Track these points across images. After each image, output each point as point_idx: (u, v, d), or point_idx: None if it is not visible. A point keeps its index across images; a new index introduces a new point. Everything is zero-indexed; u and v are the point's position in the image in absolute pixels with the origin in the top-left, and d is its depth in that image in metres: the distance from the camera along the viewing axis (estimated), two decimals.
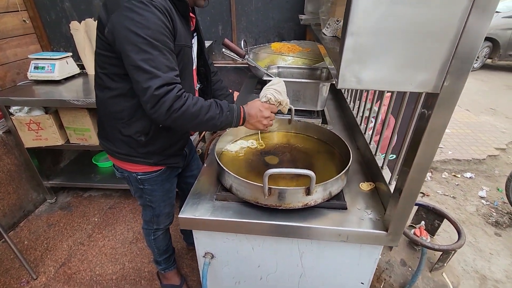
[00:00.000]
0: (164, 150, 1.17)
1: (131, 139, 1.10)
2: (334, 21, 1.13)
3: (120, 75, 0.99)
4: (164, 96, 0.87)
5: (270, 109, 1.05)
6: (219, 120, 0.97)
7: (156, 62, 0.86)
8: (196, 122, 0.94)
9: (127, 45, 0.86)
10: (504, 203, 2.50)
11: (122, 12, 0.85)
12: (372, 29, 0.57)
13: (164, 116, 0.89)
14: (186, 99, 0.91)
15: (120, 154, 1.15)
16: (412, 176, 0.74)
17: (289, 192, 0.88)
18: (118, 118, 1.06)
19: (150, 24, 0.85)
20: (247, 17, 2.38)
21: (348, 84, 0.63)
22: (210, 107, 0.96)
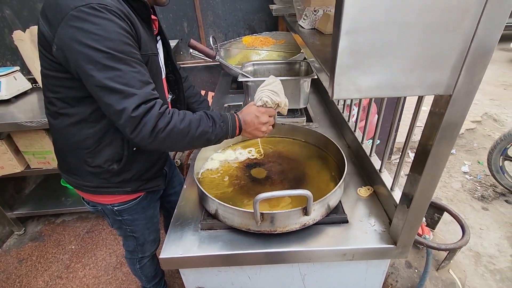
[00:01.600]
0: (141, 175, 1.02)
1: (101, 169, 0.94)
2: (311, 12, 1.01)
3: (78, 99, 0.82)
4: (144, 116, 0.72)
5: (268, 113, 0.93)
6: (213, 134, 0.83)
7: (127, 78, 0.71)
8: (187, 140, 0.80)
9: (85, 63, 0.69)
10: (486, 175, 2.55)
11: (70, 23, 0.68)
12: (373, 24, 0.45)
13: (148, 139, 0.74)
14: (171, 115, 0.77)
15: (89, 187, 0.98)
16: (423, 185, 0.65)
17: (284, 215, 0.77)
18: (81, 147, 0.90)
19: (109, 33, 0.69)
20: (213, 10, 2.20)
21: (345, 93, 0.52)
22: (201, 120, 0.82)
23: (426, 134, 0.62)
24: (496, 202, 2.28)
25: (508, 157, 2.28)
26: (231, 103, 1.72)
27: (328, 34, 0.89)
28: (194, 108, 1.37)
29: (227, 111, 1.66)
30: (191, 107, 1.36)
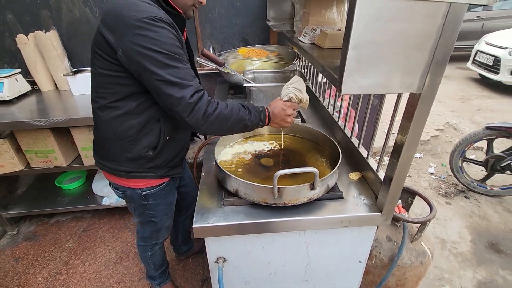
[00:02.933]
0: (169, 161, 1.18)
1: (138, 155, 1.09)
2: (311, 30, 1.24)
3: (128, 94, 0.98)
4: (197, 102, 0.91)
5: (292, 107, 1.11)
6: (249, 121, 1.02)
7: (182, 73, 0.90)
8: (230, 124, 0.98)
9: (149, 63, 0.86)
10: (449, 175, 2.91)
11: (135, 32, 0.85)
12: (371, 42, 0.67)
13: (201, 121, 0.92)
14: (217, 103, 0.96)
15: (125, 172, 1.12)
16: (401, 165, 0.88)
17: (296, 189, 0.97)
18: (125, 136, 1.04)
19: (166, 39, 0.87)
20: (211, 24, 2.40)
21: (350, 90, 0.74)
22: (240, 109, 1.01)
23: (402, 126, 0.84)
24: (457, 198, 2.62)
25: (466, 159, 2.64)
26: None
27: (326, 48, 1.12)
28: None
29: None
30: None
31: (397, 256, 1.25)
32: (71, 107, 1.99)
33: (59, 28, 2.19)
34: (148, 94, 0.99)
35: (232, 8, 2.36)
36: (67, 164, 2.04)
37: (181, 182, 1.50)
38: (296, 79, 1.14)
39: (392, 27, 0.66)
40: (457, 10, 0.65)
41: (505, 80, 4.94)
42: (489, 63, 5.16)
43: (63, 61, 2.18)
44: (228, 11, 2.37)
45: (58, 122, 1.78)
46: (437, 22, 0.66)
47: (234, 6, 2.35)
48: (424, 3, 0.64)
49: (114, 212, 2.41)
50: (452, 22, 0.66)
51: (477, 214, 2.41)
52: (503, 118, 4.22)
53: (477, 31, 6.62)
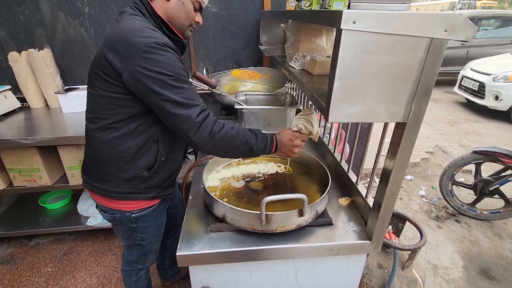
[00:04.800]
0: (163, 182, 1.16)
1: (134, 175, 1.07)
2: (301, 56, 1.27)
3: (131, 116, 0.99)
4: (204, 121, 0.93)
5: (301, 138, 1.10)
6: (255, 145, 1.01)
7: (188, 94, 0.92)
8: (235, 145, 0.98)
9: (156, 85, 0.88)
10: (439, 198, 2.92)
11: (143, 56, 0.87)
12: (356, 73, 0.69)
13: (206, 139, 0.93)
14: (223, 123, 0.98)
15: (118, 193, 1.09)
16: (389, 191, 0.88)
17: (285, 216, 0.95)
18: (122, 156, 1.03)
19: (172, 61, 0.90)
20: (205, 46, 2.45)
21: (337, 118, 0.74)
22: (246, 132, 1.01)
23: (390, 152, 0.85)
24: (448, 222, 2.61)
25: (455, 182, 2.67)
26: None
27: (316, 74, 1.14)
28: None
29: None
30: None
31: (388, 284, 1.22)
32: (60, 125, 1.96)
33: (53, 46, 2.20)
34: (148, 115, 1.00)
35: (226, 31, 2.42)
36: (52, 183, 1.98)
37: (171, 202, 1.46)
38: (308, 111, 1.13)
39: (376, 60, 0.68)
40: (438, 44, 0.67)
41: (490, 105, 5.11)
42: (474, 88, 5.35)
43: (55, 78, 2.17)
44: (222, 34, 2.43)
45: (46, 141, 1.75)
46: (419, 56, 0.68)
47: (228, 29, 2.42)
48: (406, 38, 0.66)
49: (98, 233, 2.32)
50: (434, 55, 0.68)
51: (468, 239, 2.40)
52: (490, 141, 4.32)
53: (463, 58, 6.91)
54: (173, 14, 1.04)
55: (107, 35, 0.97)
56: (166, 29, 1.04)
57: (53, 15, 2.12)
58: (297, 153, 1.12)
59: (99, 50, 0.97)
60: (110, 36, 0.95)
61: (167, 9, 1.03)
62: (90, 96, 1.03)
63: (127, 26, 0.93)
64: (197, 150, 1.10)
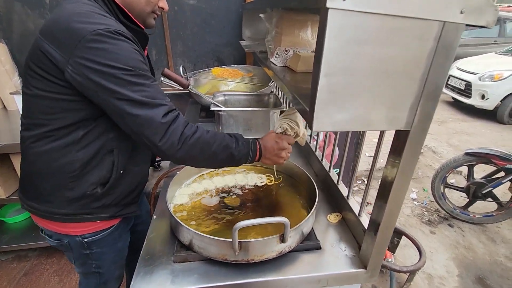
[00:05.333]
0: (122, 199, 0.97)
1: (83, 193, 0.88)
2: (283, 51, 1.10)
3: (76, 121, 0.80)
4: (172, 123, 0.76)
5: (287, 140, 0.96)
6: (236, 150, 0.85)
7: (151, 91, 0.75)
8: (212, 151, 0.82)
9: (108, 81, 0.71)
10: (431, 201, 2.82)
11: (89, 45, 0.69)
12: (346, 69, 0.52)
13: (176, 145, 0.77)
14: (197, 126, 0.82)
15: (63, 215, 0.90)
16: (389, 210, 0.72)
17: (262, 243, 0.78)
18: (65, 171, 0.84)
19: (128, 53, 0.73)
20: (183, 41, 2.26)
21: (323, 126, 0.58)
22: (224, 136, 0.86)
23: (389, 166, 0.69)
24: (441, 226, 2.51)
25: (447, 185, 2.57)
26: None
27: (299, 72, 0.98)
28: None
29: None
30: None
31: None
32: (16, 129, 1.73)
33: (10, 41, 1.96)
34: (100, 121, 0.82)
35: (206, 26, 2.24)
36: (7, 195, 1.76)
37: (136, 219, 1.27)
38: (292, 111, 1.00)
39: (372, 51, 0.52)
40: (452, 30, 0.52)
41: (477, 104, 5.09)
42: (461, 87, 5.33)
43: (12, 77, 1.94)
44: (201, 29, 2.24)
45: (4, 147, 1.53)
46: (428, 46, 0.53)
47: (208, 24, 2.23)
48: (411, 22, 0.50)
49: None
50: (446, 45, 0.53)
51: (462, 245, 2.30)
52: (478, 141, 4.29)
53: None
54: None
55: (45, 22, 0.77)
56: (122, 17, 0.86)
57: (7, 5, 1.89)
58: (284, 158, 0.97)
59: (34, 40, 0.78)
60: (48, 23, 0.76)
61: None
62: (25, 98, 0.83)
63: (70, 11, 0.74)
64: (165, 159, 0.93)
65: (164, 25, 2.16)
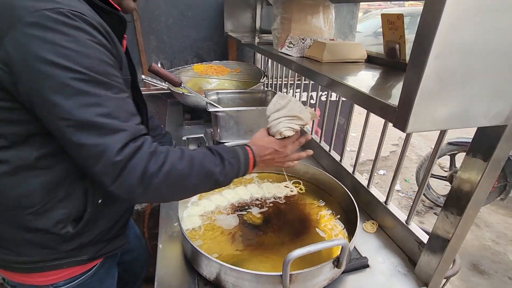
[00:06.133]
0: (105, 234, 0.74)
1: (48, 234, 0.64)
2: (299, 40, 0.96)
3: (21, 137, 0.57)
4: (131, 159, 0.53)
5: (291, 144, 0.77)
6: (222, 174, 0.64)
7: (109, 107, 0.52)
8: (190, 185, 0.60)
9: (45, 87, 0.49)
10: (414, 191, 2.89)
11: (27, 31, 0.47)
12: (462, 47, 0.39)
13: (136, 189, 0.54)
14: (165, 153, 0.58)
15: (24, 264, 0.66)
16: (464, 222, 0.62)
17: (316, 272, 0.63)
18: (21, 206, 0.61)
19: (85, 47, 0.50)
20: (157, 35, 2.01)
21: (419, 126, 0.44)
22: (205, 157, 0.63)
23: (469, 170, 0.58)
24: (428, 215, 2.57)
25: (432, 175, 2.63)
26: (190, 136, 1.52)
27: (326, 62, 0.84)
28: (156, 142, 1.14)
29: (187, 145, 1.46)
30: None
31: None
32: None
33: None
34: None
35: (183, 18, 2.01)
36: None
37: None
38: (283, 101, 0.74)
39: (500, 23, 0.39)
40: None
41: None
42: None
43: None
44: (178, 21, 2.01)
45: None
46: None
47: (185, 16, 2.01)
48: None
49: None
50: None
51: None
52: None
53: None
54: None
55: None
56: None
57: None
58: (296, 160, 0.80)
59: None
60: None
61: None
62: None
63: None
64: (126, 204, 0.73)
65: (134, 17, 1.89)
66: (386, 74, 0.74)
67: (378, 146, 0.94)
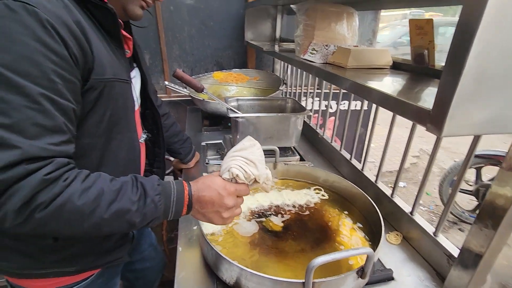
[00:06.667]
0: (94, 248, 0.72)
1: (30, 244, 0.65)
2: (323, 46, 0.96)
3: None
4: (16, 182, 0.46)
5: (237, 192, 0.66)
6: (139, 213, 0.55)
7: (14, 117, 0.46)
8: (91, 223, 0.52)
9: None
10: (437, 205, 2.77)
11: None
12: (504, 48, 0.38)
13: (14, 219, 0.47)
14: (68, 182, 0.50)
15: (13, 269, 0.67)
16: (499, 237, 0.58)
17: (340, 282, 0.61)
18: None
19: (11, 41, 0.46)
20: (180, 45, 2.07)
21: (457, 130, 0.43)
22: (121, 192, 0.55)
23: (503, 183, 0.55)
24: (452, 231, 2.45)
25: None
26: (209, 141, 1.54)
27: (350, 68, 0.83)
28: (176, 148, 1.16)
29: (206, 151, 1.47)
30: (173, 147, 1.15)
31: None
32: None
33: None
34: None
35: (205, 28, 2.07)
36: None
37: (135, 255, 1.03)
38: (249, 143, 0.69)
39: None
40: None
41: None
42: None
43: None
44: (199, 31, 2.07)
45: None
46: None
47: (207, 26, 2.07)
48: None
49: None
50: None
51: None
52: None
53: None
54: None
55: None
56: None
57: None
58: (227, 219, 0.66)
59: None
60: None
61: None
62: None
63: None
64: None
65: (159, 27, 1.97)
66: (414, 80, 0.72)
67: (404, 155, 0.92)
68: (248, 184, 0.67)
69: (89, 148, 0.63)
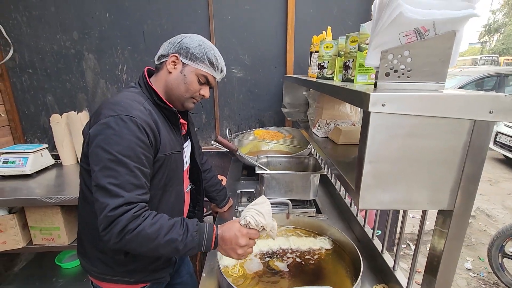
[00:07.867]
0: (148, 265, 1.06)
1: (107, 256, 1.01)
2: (325, 124, 1.24)
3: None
4: (119, 217, 0.80)
5: (249, 235, 0.90)
6: (182, 243, 0.84)
7: (120, 180, 0.82)
8: (153, 246, 0.83)
9: (95, 160, 0.84)
10: (489, 272, 2.52)
11: (98, 127, 0.85)
12: (389, 158, 0.62)
13: (115, 238, 0.81)
14: (144, 218, 0.83)
15: (96, 273, 1.04)
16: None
17: None
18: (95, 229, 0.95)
19: (122, 140, 0.83)
20: (230, 107, 2.54)
21: (368, 204, 0.66)
22: (173, 227, 0.85)
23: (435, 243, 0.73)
24: None
25: (505, 255, 2.31)
26: (243, 189, 1.84)
27: (340, 144, 1.09)
28: (214, 196, 1.49)
29: (240, 197, 1.77)
30: (212, 195, 1.49)
31: None
32: None
33: (92, 109, 2.38)
34: None
35: (250, 94, 2.51)
36: (70, 242, 1.95)
37: (176, 279, 1.33)
38: (262, 200, 0.95)
39: (411, 143, 0.61)
40: (483, 126, 0.60)
41: None
42: (511, 144, 5.02)
43: None
44: (246, 96, 2.52)
45: (68, 200, 1.77)
46: (462, 139, 0.61)
47: (252, 92, 2.51)
48: (445, 121, 0.60)
49: None
50: (480, 137, 0.61)
51: None
52: None
53: None
54: (172, 85, 1.02)
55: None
56: (157, 98, 1.00)
57: (95, 82, 2.34)
58: (241, 255, 0.91)
59: None
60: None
61: (168, 81, 1.02)
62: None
63: (112, 99, 0.93)
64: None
65: (215, 94, 2.48)
66: None
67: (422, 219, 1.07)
68: (259, 230, 0.93)
69: (152, 196, 0.99)
